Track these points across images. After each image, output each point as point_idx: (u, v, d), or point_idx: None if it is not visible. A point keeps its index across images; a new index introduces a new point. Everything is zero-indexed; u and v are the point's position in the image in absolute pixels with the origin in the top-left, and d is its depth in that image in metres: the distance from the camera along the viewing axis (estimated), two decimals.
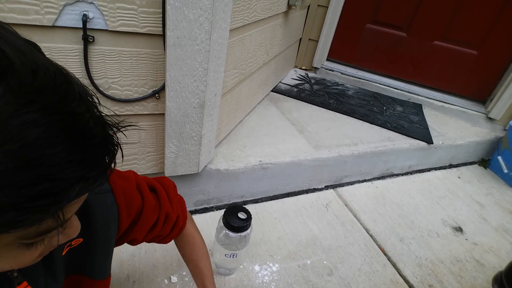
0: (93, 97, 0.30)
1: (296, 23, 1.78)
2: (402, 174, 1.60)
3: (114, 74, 0.79)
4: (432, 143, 1.58)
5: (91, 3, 0.68)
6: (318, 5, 1.94)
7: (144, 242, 0.67)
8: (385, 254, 1.11)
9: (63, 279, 0.49)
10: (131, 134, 0.90)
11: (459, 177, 1.66)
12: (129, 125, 0.35)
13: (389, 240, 1.17)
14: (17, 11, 0.63)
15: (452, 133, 1.72)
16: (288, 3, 1.47)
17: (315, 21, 2.00)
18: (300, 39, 2.06)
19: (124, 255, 0.91)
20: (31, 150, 0.23)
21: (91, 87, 0.77)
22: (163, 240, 0.69)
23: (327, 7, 1.93)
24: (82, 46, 0.72)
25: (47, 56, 0.28)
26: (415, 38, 1.93)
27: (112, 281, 0.84)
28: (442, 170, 1.69)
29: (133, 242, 0.64)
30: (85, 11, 0.69)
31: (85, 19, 0.69)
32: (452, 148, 1.67)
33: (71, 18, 0.68)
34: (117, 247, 0.61)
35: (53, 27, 0.67)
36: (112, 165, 0.31)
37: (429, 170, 1.67)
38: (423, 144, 1.57)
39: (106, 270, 0.58)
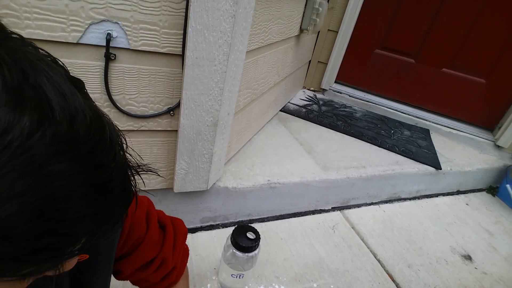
0: (122, 138, 0.29)
1: (306, 46, 1.83)
2: (410, 199, 1.59)
3: (132, 90, 0.81)
4: (441, 169, 1.58)
5: (116, 23, 0.71)
6: (328, 29, 1.99)
7: (128, 281, 0.61)
8: (393, 281, 1.09)
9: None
10: (143, 149, 0.91)
11: (467, 204, 1.64)
12: (149, 170, 0.34)
13: (397, 266, 1.15)
14: (44, 28, 0.65)
15: (460, 160, 1.72)
16: (300, 27, 1.51)
17: (325, 44, 2.04)
18: (310, 61, 2.11)
19: None
20: (48, 203, 0.21)
21: (108, 103, 0.80)
22: (156, 285, 0.62)
23: (337, 32, 1.98)
24: (104, 63, 0.74)
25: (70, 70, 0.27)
26: (424, 64, 1.96)
27: None
28: (450, 196, 1.68)
29: (118, 275, 0.59)
30: (110, 30, 0.71)
31: (108, 37, 0.72)
32: (460, 174, 1.66)
33: (95, 36, 0.71)
34: None
35: (77, 44, 0.70)
36: (124, 217, 0.29)
37: (437, 195, 1.66)
38: (431, 169, 1.56)
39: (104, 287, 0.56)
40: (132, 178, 0.29)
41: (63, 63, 0.26)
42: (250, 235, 0.86)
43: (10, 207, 0.20)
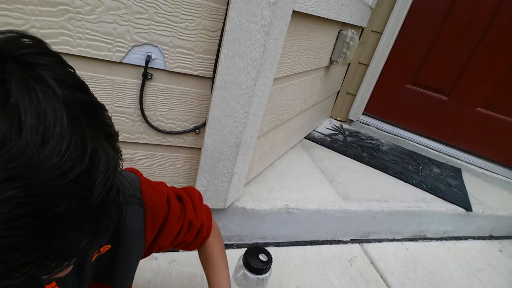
0: (116, 162, 0.29)
1: (335, 76, 1.86)
2: (436, 239, 1.51)
3: (163, 108, 0.87)
4: (471, 211, 1.50)
5: (156, 46, 0.79)
6: (359, 62, 2.03)
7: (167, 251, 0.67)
8: None
9: (87, 285, 0.51)
10: (167, 163, 0.96)
11: (500, 251, 1.52)
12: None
13: None
14: (93, 47, 0.74)
15: (494, 203, 1.62)
16: (330, 58, 1.55)
17: (354, 77, 2.07)
18: (338, 91, 2.13)
19: (141, 281, 0.93)
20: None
21: (140, 117, 0.86)
22: (187, 247, 0.70)
23: (368, 65, 2.00)
24: (141, 82, 0.82)
25: (109, 88, 0.28)
26: (457, 102, 1.92)
27: None
28: (482, 241, 1.57)
29: (161, 250, 0.65)
30: (150, 52, 0.79)
31: (148, 59, 0.79)
32: (493, 218, 1.57)
33: (136, 57, 0.78)
34: (136, 270, 0.61)
35: (120, 63, 0.78)
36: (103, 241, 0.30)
37: (466, 238, 1.56)
38: (461, 210, 1.49)
39: (127, 281, 0.59)
40: (118, 207, 0.29)
41: (74, 73, 0.27)
42: (262, 257, 0.86)
43: None
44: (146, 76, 0.81)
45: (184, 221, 0.64)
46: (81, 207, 0.24)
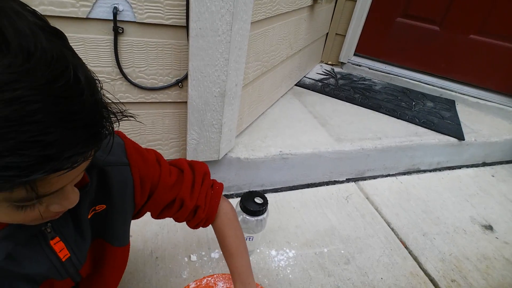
0: (96, 81, 0.31)
1: (322, 17, 1.78)
2: (430, 171, 1.55)
3: (141, 63, 0.85)
4: (464, 140, 1.52)
5: None
6: None
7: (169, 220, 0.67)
8: (406, 248, 1.09)
9: (90, 240, 0.54)
10: (155, 120, 0.96)
11: (493, 176, 1.57)
12: (130, 115, 0.37)
13: (411, 235, 1.15)
14: (56, 4, 0.70)
15: (487, 130, 1.64)
16: None
17: (342, 15, 1.98)
18: (327, 34, 2.05)
19: (148, 234, 0.98)
20: (4, 125, 0.24)
21: (120, 76, 0.84)
22: (188, 223, 0.68)
23: (355, 1, 1.91)
24: (113, 37, 0.78)
25: (82, 47, 0.30)
26: (449, 31, 1.85)
27: (137, 256, 0.91)
28: (474, 168, 1.62)
29: (152, 215, 0.66)
30: (116, 4, 0.75)
31: (115, 11, 0.75)
32: (486, 145, 1.59)
33: (103, 10, 0.75)
34: (143, 225, 0.63)
35: (87, 19, 0.74)
36: (92, 152, 0.32)
37: (459, 167, 1.60)
38: (453, 140, 1.51)
39: (124, 239, 0.61)
40: (106, 117, 0.31)
41: (41, 15, 0.30)
42: (258, 200, 0.89)
43: None
44: (117, 31, 0.78)
45: (177, 197, 0.61)
46: (78, 107, 0.28)
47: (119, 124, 0.34)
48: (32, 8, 0.29)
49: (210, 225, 0.70)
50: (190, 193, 0.63)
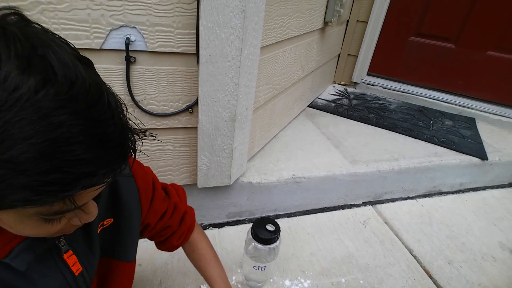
0: (122, 105, 0.35)
1: (333, 39, 1.79)
2: (452, 193, 1.48)
3: (152, 90, 0.86)
4: (487, 159, 1.45)
5: (134, 27, 0.77)
6: (357, 20, 1.93)
7: (176, 251, 0.73)
8: (431, 277, 1.02)
9: (99, 255, 0.53)
10: (166, 146, 0.96)
11: None
12: (150, 135, 0.40)
13: (435, 262, 1.08)
14: (71, 37, 0.72)
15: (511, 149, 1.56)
16: (324, 19, 1.49)
17: (354, 36, 1.98)
18: (339, 54, 2.05)
19: (158, 262, 0.95)
20: (52, 145, 0.27)
21: (131, 103, 0.85)
22: (172, 238, 0.69)
23: (367, 22, 1.91)
24: (125, 66, 0.80)
25: None
26: (465, 49, 1.82)
27: (146, 286, 0.88)
28: (501, 189, 1.53)
29: (147, 229, 0.66)
30: (128, 34, 0.77)
31: (128, 42, 0.77)
32: (511, 165, 1.51)
33: (116, 41, 0.77)
34: (152, 253, 0.64)
35: (101, 49, 0.76)
36: (123, 167, 0.35)
37: (484, 188, 1.52)
38: (475, 160, 1.44)
39: (131, 253, 0.61)
40: (131, 138, 0.35)
41: (74, 46, 0.33)
42: (270, 227, 0.86)
43: (22, 147, 0.26)
44: (129, 60, 0.79)
45: (169, 203, 0.66)
46: (112, 129, 0.31)
47: (142, 143, 0.37)
48: (65, 39, 0.33)
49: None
50: (179, 199, 0.70)
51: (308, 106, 1.77)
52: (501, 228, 1.27)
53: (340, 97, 1.95)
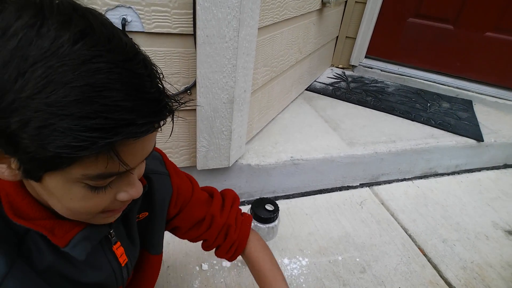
0: (158, 72, 0.36)
1: (331, 21, 1.77)
2: (448, 174, 1.50)
3: None
4: (483, 141, 1.46)
5: (129, 7, 0.75)
6: (356, 1, 1.91)
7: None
8: (425, 255, 1.05)
9: (138, 248, 0.55)
10: (164, 128, 0.96)
11: None
12: (189, 100, 0.42)
13: (430, 241, 1.11)
14: None
15: (508, 131, 1.58)
16: (322, 0, 1.46)
17: (352, 18, 1.96)
18: (337, 37, 2.04)
19: None
20: (91, 90, 0.28)
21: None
22: (219, 250, 0.67)
23: (365, 3, 1.88)
24: None
25: None
26: (464, 30, 1.81)
27: None
28: (495, 171, 1.55)
29: (177, 231, 0.66)
30: (124, 15, 0.76)
31: (124, 22, 0.76)
32: (507, 146, 1.53)
33: (112, 22, 0.75)
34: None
35: None
36: (161, 123, 0.36)
37: (479, 170, 1.54)
38: (471, 141, 1.46)
39: (159, 247, 0.63)
40: (168, 100, 0.36)
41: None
42: (269, 207, 0.88)
43: (64, 91, 0.28)
44: None
45: (207, 213, 0.63)
46: (149, 84, 0.32)
47: (177, 108, 0.38)
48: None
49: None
50: (220, 211, 0.65)
51: (306, 89, 1.76)
52: (494, 208, 1.29)
53: (338, 80, 1.94)
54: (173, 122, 0.38)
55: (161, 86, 0.35)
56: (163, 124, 0.36)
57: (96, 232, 0.43)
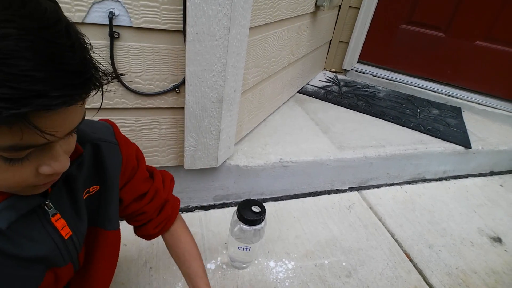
0: (87, 44, 0.34)
1: (325, 24, 1.77)
2: (436, 180, 1.51)
3: (137, 68, 0.83)
4: (471, 148, 1.48)
5: (117, 1, 0.74)
6: (350, 6, 1.91)
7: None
8: (411, 260, 1.05)
9: (86, 224, 0.53)
10: (152, 126, 0.94)
11: (501, 185, 1.52)
12: (122, 75, 0.39)
13: (416, 246, 1.11)
14: None
15: (495, 138, 1.60)
16: (315, 3, 1.46)
17: (346, 22, 1.97)
18: (330, 41, 2.04)
19: (143, 242, 0.95)
20: None
21: (115, 81, 0.83)
22: (149, 224, 0.67)
23: (359, 8, 1.89)
24: (108, 42, 0.77)
25: None
26: (454, 38, 1.83)
27: (130, 266, 0.88)
28: (482, 177, 1.57)
29: (120, 205, 0.64)
30: (112, 8, 0.74)
31: (111, 16, 0.74)
32: (493, 154, 1.55)
33: (99, 15, 0.74)
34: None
35: (82, 23, 0.73)
36: (83, 97, 0.34)
37: (466, 176, 1.56)
38: (459, 148, 1.47)
39: (115, 221, 0.61)
40: (95, 73, 0.34)
41: None
42: (256, 208, 0.87)
43: None
44: (113, 36, 0.77)
45: (151, 187, 0.65)
46: (70, 55, 0.31)
47: (108, 81, 0.37)
48: None
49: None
50: (163, 186, 0.68)
51: (298, 92, 1.76)
52: (480, 215, 1.31)
53: (330, 84, 1.94)
54: (102, 98, 0.37)
55: (88, 58, 0.34)
56: (86, 97, 0.35)
57: (23, 201, 0.41)
